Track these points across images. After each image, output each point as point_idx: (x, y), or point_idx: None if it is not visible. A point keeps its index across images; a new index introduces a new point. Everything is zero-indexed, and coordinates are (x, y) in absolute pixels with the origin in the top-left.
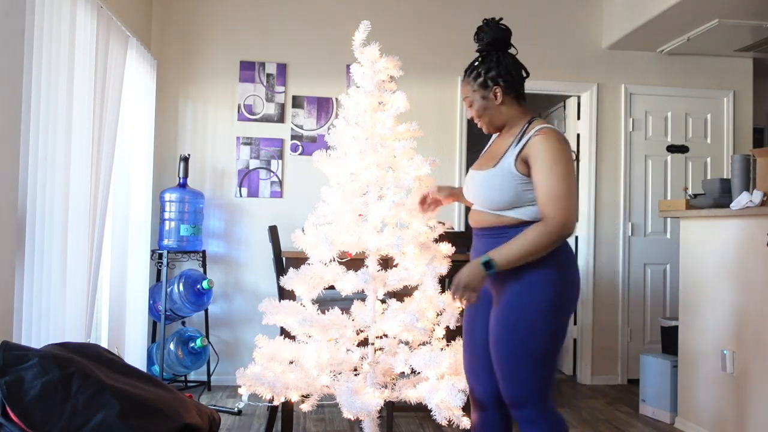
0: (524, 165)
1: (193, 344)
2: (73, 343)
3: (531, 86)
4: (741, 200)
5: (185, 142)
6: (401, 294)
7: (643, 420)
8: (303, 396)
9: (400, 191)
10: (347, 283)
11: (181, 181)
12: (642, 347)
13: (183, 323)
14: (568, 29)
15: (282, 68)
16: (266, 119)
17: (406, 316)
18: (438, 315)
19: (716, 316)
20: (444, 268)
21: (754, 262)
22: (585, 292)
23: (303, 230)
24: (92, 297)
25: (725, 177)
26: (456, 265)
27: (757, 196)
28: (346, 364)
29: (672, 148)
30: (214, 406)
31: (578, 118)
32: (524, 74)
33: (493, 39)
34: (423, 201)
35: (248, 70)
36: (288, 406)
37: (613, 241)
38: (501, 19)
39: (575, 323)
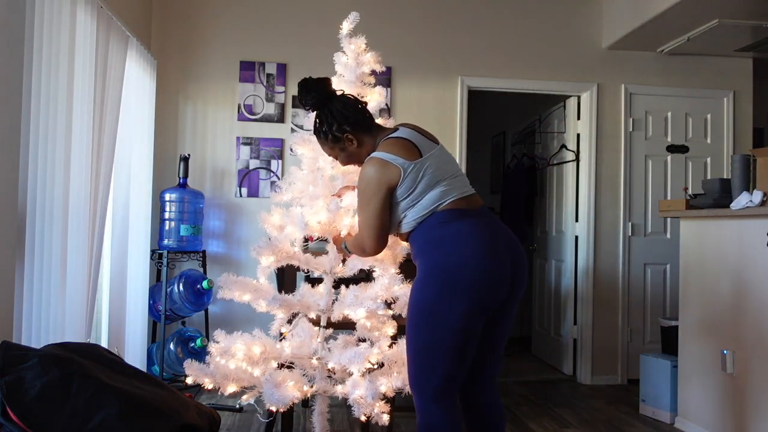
0: None
1: (193, 344)
2: (73, 343)
3: (531, 86)
4: (741, 200)
5: (185, 142)
6: (357, 280)
7: (643, 420)
8: (243, 387)
9: None
10: (314, 263)
11: (181, 181)
12: (642, 347)
13: (183, 323)
14: (568, 29)
15: (282, 68)
16: (266, 119)
17: (372, 303)
18: (391, 303)
19: (716, 316)
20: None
21: (754, 262)
22: (585, 291)
23: (269, 213)
24: (92, 297)
25: (725, 177)
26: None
27: (757, 196)
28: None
29: (672, 148)
30: (215, 404)
31: (578, 118)
32: (360, 106)
33: (317, 98)
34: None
35: (248, 70)
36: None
37: (613, 241)
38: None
39: (575, 323)
